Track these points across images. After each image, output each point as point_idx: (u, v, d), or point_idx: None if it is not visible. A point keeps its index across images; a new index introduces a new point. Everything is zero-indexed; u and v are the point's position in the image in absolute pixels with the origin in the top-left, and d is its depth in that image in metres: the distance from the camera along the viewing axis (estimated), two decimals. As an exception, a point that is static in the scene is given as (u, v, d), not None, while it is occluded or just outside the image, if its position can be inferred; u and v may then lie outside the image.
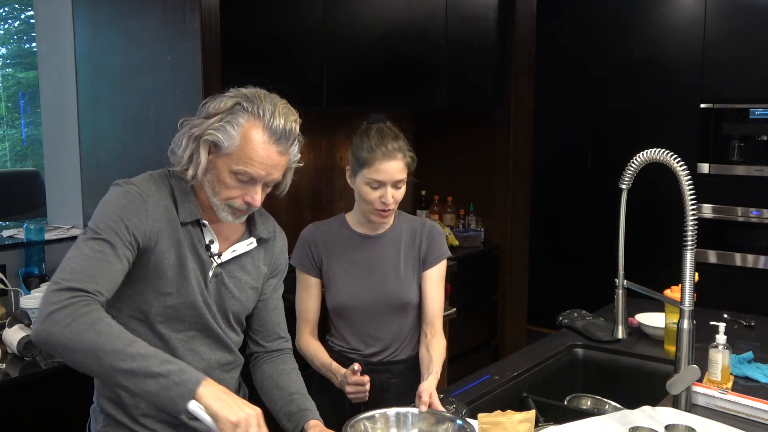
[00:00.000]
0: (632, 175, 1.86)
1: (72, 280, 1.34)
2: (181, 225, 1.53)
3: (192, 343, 1.58)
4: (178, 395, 1.28)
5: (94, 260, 1.38)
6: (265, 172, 1.48)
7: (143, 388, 1.28)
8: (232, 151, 1.46)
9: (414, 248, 2.04)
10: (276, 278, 1.74)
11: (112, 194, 1.50)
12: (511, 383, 2.06)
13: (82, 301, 1.31)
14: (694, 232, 1.77)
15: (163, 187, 1.54)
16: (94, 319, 1.30)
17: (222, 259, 1.59)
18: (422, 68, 3.59)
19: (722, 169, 3.97)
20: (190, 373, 1.31)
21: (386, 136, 1.92)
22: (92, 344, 1.28)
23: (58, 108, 3.06)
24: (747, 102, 3.88)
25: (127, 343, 1.30)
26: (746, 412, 1.79)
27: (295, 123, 1.51)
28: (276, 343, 1.74)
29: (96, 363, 1.29)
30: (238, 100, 1.48)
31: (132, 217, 1.45)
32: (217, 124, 1.46)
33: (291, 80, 2.93)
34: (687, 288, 1.80)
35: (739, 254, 3.96)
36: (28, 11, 6.70)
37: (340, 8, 3.10)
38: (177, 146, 1.52)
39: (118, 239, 1.41)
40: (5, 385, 2.07)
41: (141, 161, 2.75)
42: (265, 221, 1.70)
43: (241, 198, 1.50)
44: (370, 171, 1.90)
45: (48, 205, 3.20)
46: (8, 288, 2.59)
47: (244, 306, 1.66)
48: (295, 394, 1.65)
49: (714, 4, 3.96)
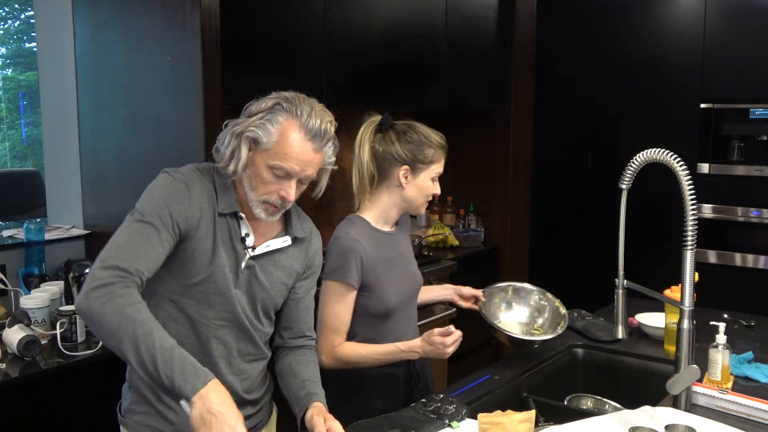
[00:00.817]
0: (632, 175, 1.86)
1: (117, 258, 1.45)
2: (219, 215, 1.61)
3: (218, 330, 1.65)
4: (174, 394, 1.39)
5: (139, 241, 1.49)
6: (299, 168, 1.58)
7: (148, 378, 1.39)
8: (270, 147, 1.56)
9: (407, 235, 2.21)
10: (310, 279, 1.81)
11: (161, 181, 1.60)
12: (511, 383, 2.06)
13: (122, 282, 1.42)
14: (694, 232, 1.77)
15: (206, 178, 1.63)
16: (127, 303, 1.40)
17: (255, 252, 1.66)
18: (422, 68, 3.59)
19: (722, 169, 3.96)
20: (189, 380, 1.37)
21: (439, 133, 2.05)
22: (117, 326, 1.38)
23: (58, 108, 3.06)
24: (747, 102, 3.88)
25: (147, 331, 1.39)
26: (746, 412, 1.79)
27: (330, 124, 1.63)
28: (301, 341, 1.81)
29: (116, 343, 1.39)
30: (278, 100, 1.59)
31: (177, 204, 1.55)
32: (257, 122, 1.57)
33: (291, 80, 2.93)
34: (687, 288, 1.80)
35: (739, 254, 3.95)
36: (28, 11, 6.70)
37: (340, 8, 3.10)
38: (221, 143, 1.61)
39: (161, 224, 1.51)
40: (5, 385, 2.07)
41: (141, 161, 2.75)
42: (302, 222, 1.79)
43: (276, 193, 1.59)
44: (439, 165, 2.03)
45: (48, 205, 3.20)
46: (8, 288, 2.59)
47: (273, 300, 1.72)
48: (307, 381, 1.72)
49: (714, 4, 3.95)
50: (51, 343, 2.34)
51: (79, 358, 2.26)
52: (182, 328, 1.62)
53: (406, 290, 2.09)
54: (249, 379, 1.73)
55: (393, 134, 2.02)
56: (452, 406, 1.77)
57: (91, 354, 2.28)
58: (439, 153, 2.02)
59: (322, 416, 1.61)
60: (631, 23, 4.24)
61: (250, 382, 1.74)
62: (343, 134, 4.27)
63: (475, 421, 1.64)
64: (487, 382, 2.04)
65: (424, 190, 2.03)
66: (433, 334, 1.92)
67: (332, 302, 1.95)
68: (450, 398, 1.81)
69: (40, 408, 2.16)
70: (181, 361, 1.39)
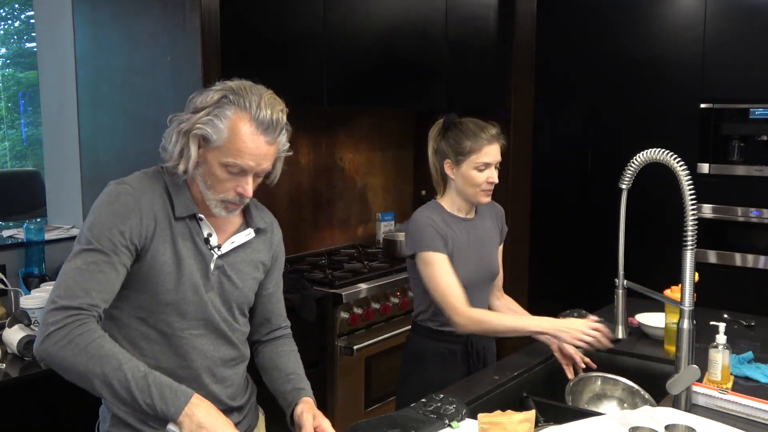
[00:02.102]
0: (632, 175, 1.86)
1: (67, 297, 1.39)
2: (177, 219, 1.54)
3: (195, 340, 1.58)
4: (159, 419, 1.35)
5: (88, 273, 1.42)
6: (254, 163, 1.51)
7: (129, 409, 1.37)
8: (221, 144, 1.48)
9: (496, 227, 2.40)
10: (278, 271, 1.77)
11: (104, 199, 1.53)
12: (511, 383, 2.06)
13: (77, 321, 1.37)
14: (694, 232, 1.77)
15: (156, 183, 1.56)
16: (87, 341, 1.35)
17: (222, 251, 1.60)
18: (422, 68, 3.59)
19: (722, 169, 3.96)
20: (170, 403, 1.35)
21: (483, 125, 2.21)
22: (83, 368, 1.35)
23: (58, 108, 3.05)
24: (747, 102, 3.88)
25: (115, 366, 1.35)
26: (746, 412, 1.79)
27: (281, 113, 1.53)
28: (278, 332, 1.79)
29: (87, 385, 1.37)
30: (224, 93, 1.50)
31: (126, 221, 1.48)
32: (205, 118, 1.49)
33: (291, 80, 2.93)
34: (687, 288, 1.80)
35: (739, 254, 3.95)
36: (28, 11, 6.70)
37: (340, 8, 3.10)
38: (167, 142, 1.54)
39: (111, 248, 1.45)
40: (5, 385, 2.07)
41: (141, 161, 2.73)
42: (260, 212, 1.72)
43: (233, 190, 1.53)
44: (479, 156, 2.17)
45: (48, 205, 3.20)
46: (8, 288, 2.59)
47: (246, 297, 1.68)
48: (291, 374, 1.71)
49: (714, 4, 3.95)
50: (51, 343, 2.34)
51: (79, 358, 2.26)
52: (156, 345, 1.56)
53: (478, 274, 2.24)
54: (233, 386, 1.68)
55: (443, 132, 2.25)
56: (452, 406, 1.77)
57: (91, 354, 2.28)
58: (480, 143, 2.16)
59: (311, 413, 1.59)
60: (631, 23, 4.23)
61: (234, 388, 1.69)
62: (342, 133, 4.29)
63: (475, 421, 1.64)
64: (487, 382, 2.03)
65: (469, 180, 2.19)
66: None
67: (430, 273, 2.15)
68: (450, 398, 1.81)
69: (40, 408, 2.16)
70: (158, 385, 1.36)
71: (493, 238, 2.38)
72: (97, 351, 1.35)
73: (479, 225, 2.31)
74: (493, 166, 2.22)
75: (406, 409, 1.79)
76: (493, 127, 2.23)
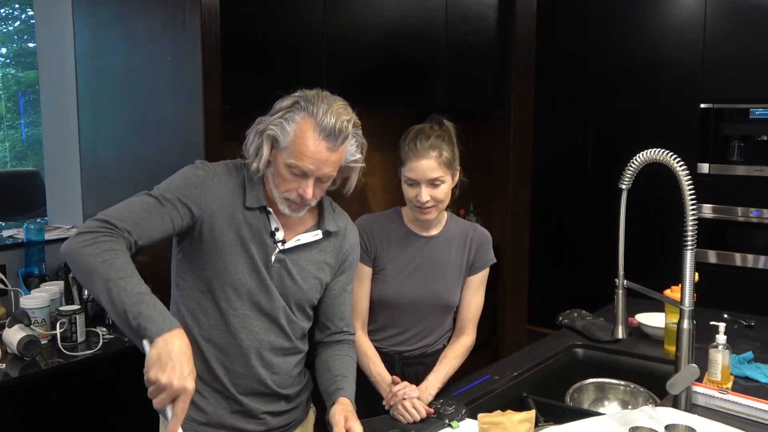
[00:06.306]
0: (632, 175, 1.86)
1: (110, 215, 1.47)
2: (246, 209, 1.63)
3: (247, 321, 1.66)
4: (139, 336, 1.35)
5: (138, 208, 1.51)
6: (314, 167, 1.57)
7: (116, 319, 1.37)
8: (287, 146, 1.57)
9: (464, 253, 2.07)
10: (346, 274, 1.81)
11: (183, 169, 1.64)
12: (511, 383, 2.06)
13: (108, 233, 1.43)
14: (694, 232, 1.77)
15: (235, 173, 1.66)
16: (107, 248, 1.40)
17: (286, 246, 1.67)
18: (422, 68, 3.59)
19: (722, 169, 3.96)
20: (156, 323, 1.34)
21: (422, 135, 1.94)
22: (93, 267, 1.39)
23: (58, 108, 3.05)
24: (747, 102, 3.88)
25: (120, 275, 1.38)
26: (746, 412, 1.79)
27: (347, 122, 1.61)
28: (339, 335, 1.82)
29: (91, 284, 1.40)
30: (297, 99, 1.60)
31: (191, 188, 1.58)
32: (277, 120, 1.59)
33: (291, 80, 2.91)
34: (687, 288, 1.80)
35: (739, 254, 3.95)
36: (28, 11, 6.70)
37: (340, 8, 3.10)
38: (248, 140, 1.64)
39: (168, 201, 1.54)
40: (5, 385, 2.07)
41: (141, 161, 2.75)
42: (336, 216, 1.79)
43: (295, 191, 1.60)
44: (406, 169, 1.94)
45: (48, 205, 3.20)
46: (8, 288, 2.59)
47: (307, 295, 1.72)
48: (338, 376, 1.73)
49: (714, 4, 3.95)
50: (51, 343, 2.34)
51: (79, 358, 2.26)
52: (212, 320, 1.64)
53: (413, 295, 2.03)
54: (281, 374, 1.72)
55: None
56: (452, 406, 1.77)
57: (91, 354, 2.28)
58: (407, 155, 1.92)
59: (344, 415, 1.60)
60: (631, 23, 4.24)
61: (281, 376, 1.72)
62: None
63: (475, 421, 1.64)
64: (487, 382, 2.04)
65: (404, 193, 1.98)
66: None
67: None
68: (450, 398, 1.81)
69: (40, 408, 2.16)
70: (151, 306, 1.37)
71: (453, 265, 2.05)
72: (111, 258, 1.39)
73: (437, 247, 2.05)
74: (424, 184, 1.91)
75: (406, 409, 1.78)
76: (427, 140, 1.91)
